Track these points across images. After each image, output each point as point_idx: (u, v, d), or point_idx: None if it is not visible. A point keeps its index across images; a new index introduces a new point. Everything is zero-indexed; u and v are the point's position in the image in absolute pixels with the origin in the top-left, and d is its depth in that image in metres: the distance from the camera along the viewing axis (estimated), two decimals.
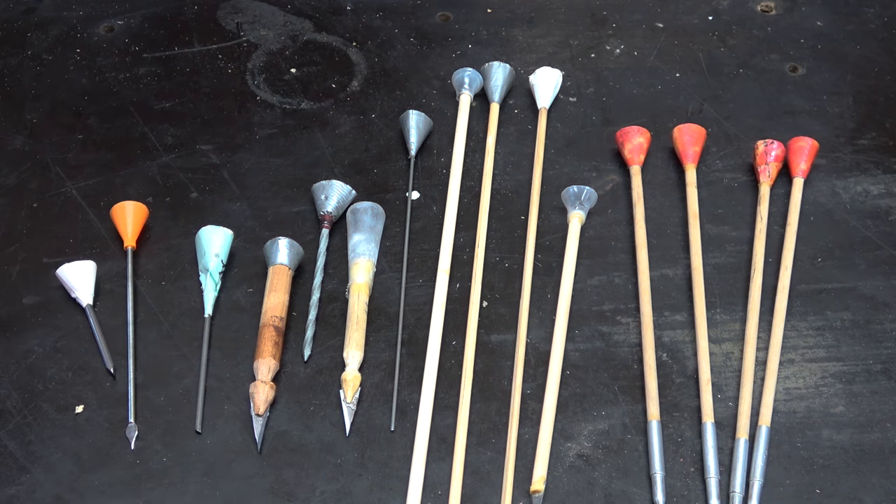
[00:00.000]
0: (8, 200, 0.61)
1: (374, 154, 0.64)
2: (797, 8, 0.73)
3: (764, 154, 0.60)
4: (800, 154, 0.61)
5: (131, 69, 0.69)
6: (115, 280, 0.57)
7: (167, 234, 0.60)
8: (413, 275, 0.57)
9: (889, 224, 0.60)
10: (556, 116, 0.66)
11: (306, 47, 0.71)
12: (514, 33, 0.71)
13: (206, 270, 0.56)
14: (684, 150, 0.61)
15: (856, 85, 0.68)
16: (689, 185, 0.60)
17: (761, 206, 0.59)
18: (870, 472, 0.49)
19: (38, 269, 0.58)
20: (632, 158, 0.61)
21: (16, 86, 0.68)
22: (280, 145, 0.64)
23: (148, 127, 0.65)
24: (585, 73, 0.68)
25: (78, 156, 0.64)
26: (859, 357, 0.54)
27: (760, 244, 0.57)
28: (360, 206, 0.59)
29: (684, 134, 0.61)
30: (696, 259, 0.57)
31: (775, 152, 0.60)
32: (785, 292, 0.55)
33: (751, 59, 0.69)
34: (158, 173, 0.63)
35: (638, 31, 0.71)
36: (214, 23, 0.72)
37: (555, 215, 0.60)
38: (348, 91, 0.68)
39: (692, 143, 0.61)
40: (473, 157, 0.63)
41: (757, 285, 0.55)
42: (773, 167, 0.60)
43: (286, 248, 0.56)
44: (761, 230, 0.58)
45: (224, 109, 0.67)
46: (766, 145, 0.60)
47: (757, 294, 0.55)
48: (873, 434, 0.50)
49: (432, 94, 0.67)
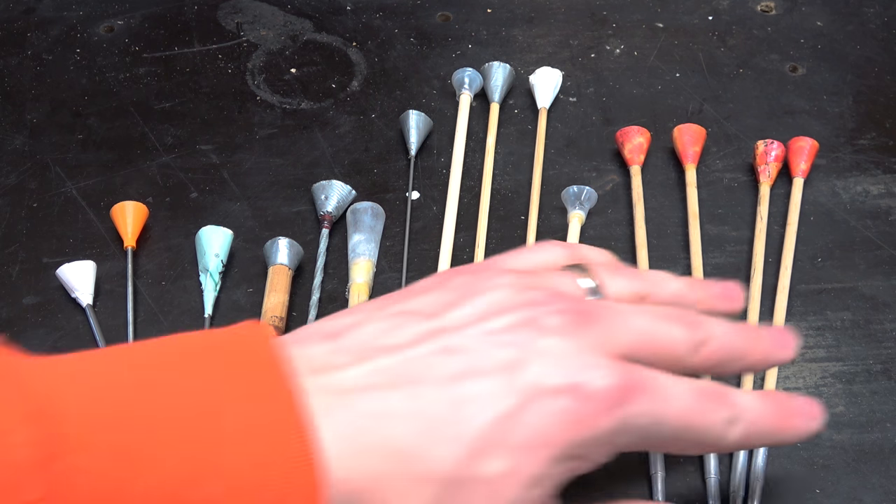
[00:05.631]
0: (8, 200, 0.61)
1: (374, 154, 0.64)
2: (797, 8, 0.73)
3: (764, 154, 0.60)
4: (800, 154, 0.61)
5: (131, 69, 0.69)
6: (115, 280, 0.57)
7: (167, 234, 0.60)
8: (413, 275, 0.57)
9: (889, 224, 0.60)
10: (556, 116, 0.66)
11: (306, 47, 0.71)
12: (514, 33, 0.71)
13: (206, 270, 0.56)
14: (684, 151, 0.61)
15: (856, 85, 0.68)
16: (690, 186, 0.60)
17: (761, 206, 0.59)
18: (870, 472, 0.49)
19: (38, 269, 0.58)
20: (632, 158, 0.61)
21: (16, 86, 0.68)
22: (280, 145, 0.64)
23: (148, 127, 0.65)
24: (585, 73, 0.68)
25: (78, 156, 0.64)
26: (859, 357, 0.54)
27: (760, 244, 0.57)
28: (360, 206, 0.59)
29: (684, 134, 0.61)
30: (696, 259, 0.57)
31: (775, 152, 0.60)
32: (785, 292, 0.55)
33: (751, 59, 0.69)
34: (158, 173, 0.63)
35: (638, 31, 0.71)
36: (214, 23, 0.72)
37: (555, 215, 0.60)
38: (348, 91, 0.68)
39: (692, 143, 0.61)
40: (473, 157, 0.63)
41: (757, 285, 0.55)
42: (773, 167, 0.60)
43: (286, 248, 0.56)
44: (761, 230, 0.58)
45: (224, 109, 0.67)
46: (767, 145, 0.61)
47: (757, 294, 0.55)
48: (873, 434, 0.50)
49: (432, 94, 0.67)
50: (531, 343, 0.36)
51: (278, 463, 0.32)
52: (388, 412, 0.34)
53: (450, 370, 0.35)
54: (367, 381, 0.35)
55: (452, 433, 0.34)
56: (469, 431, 0.34)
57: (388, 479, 0.34)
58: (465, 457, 0.34)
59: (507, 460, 0.34)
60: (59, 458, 0.30)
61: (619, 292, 0.41)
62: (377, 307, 0.39)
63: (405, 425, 0.34)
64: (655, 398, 0.37)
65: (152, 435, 0.31)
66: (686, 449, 0.40)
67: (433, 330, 0.37)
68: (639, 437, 0.37)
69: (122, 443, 0.31)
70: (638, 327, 0.38)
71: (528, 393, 0.35)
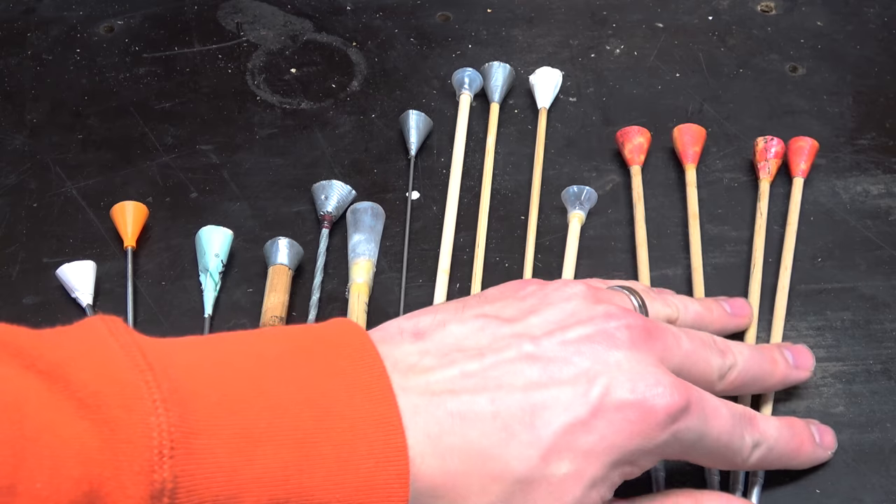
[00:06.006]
0: (8, 200, 0.61)
1: (374, 154, 0.64)
2: (797, 8, 0.73)
3: (764, 151, 0.61)
4: (800, 154, 0.61)
5: (131, 69, 0.69)
6: (115, 280, 0.57)
7: (167, 234, 0.60)
8: (413, 275, 0.57)
9: (889, 224, 0.60)
10: (556, 116, 0.66)
11: (306, 47, 0.71)
12: (514, 33, 0.71)
13: (206, 270, 0.56)
14: (684, 150, 0.61)
15: (856, 85, 0.68)
16: (690, 186, 0.60)
17: (761, 202, 0.59)
18: (870, 472, 0.49)
19: (38, 269, 0.58)
20: (632, 158, 0.61)
21: (16, 86, 0.68)
22: (280, 145, 0.64)
23: (148, 127, 0.65)
24: (585, 73, 0.68)
25: (78, 156, 0.64)
26: (859, 357, 0.54)
27: (760, 240, 0.57)
28: (360, 206, 0.59)
29: (684, 134, 0.61)
30: (696, 259, 0.57)
31: (775, 149, 0.60)
32: (785, 292, 0.55)
33: (751, 59, 0.69)
34: (158, 173, 0.63)
35: (638, 31, 0.71)
36: (214, 23, 0.72)
37: (555, 215, 0.60)
38: (348, 91, 0.68)
39: (692, 143, 0.61)
40: (473, 157, 0.63)
41: (757, 281, 0.55)
42: (772, 164, 0.60)
43: (286, 248, 0.56)
44: (761, 226, 0.58)
45: (224, 109, 0.67)
46: (766, 142, 0.61)
47: (757, 289, 0.55)
48: (873, 434, 0.50)
49: (432, 94, 0.67)
50: (603, 355, 0.39)
51: (374, 455, 0.35)
52: (471, 415, 0.37)
53: (530, 378, 0.38)
54: (454, 385, 0.38)
55: (529, 437, 0.37)
56: (544, 436, 0.37)
57: (467, 476, 0.37)
58: (538, 459, 0.37)
59: (574, 463, 0.38)
60: (186, 442, 0.32)
61: (658, 314, 0.46)
62: (457, 308, 0.41)
63: (486, 427, 0.37)
64: (703, 417, 0.40)
65: (269, 422, 0.34)
66: (713, 464, 0.44)
67: (514, 335, 0.40)
68: (682, 449, 0.41)
69: (242, 428, 0.33)
70: (686, 349, 0.42)
71: (598, 404, 0.38)
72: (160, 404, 0.32)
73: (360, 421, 0.35)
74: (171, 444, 0.32)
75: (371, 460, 0.35)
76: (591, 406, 0.38)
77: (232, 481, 0.33)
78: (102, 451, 0.31)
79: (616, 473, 0.39)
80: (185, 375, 0.34)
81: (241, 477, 0.33)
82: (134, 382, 0.32)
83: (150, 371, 0.33)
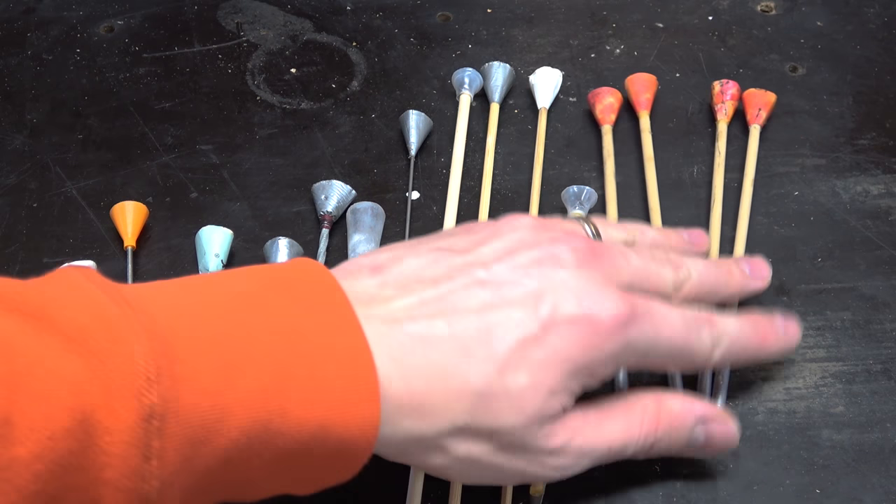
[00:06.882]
0: (8, 200, 0.61)
1: (374, 154, 0.64)
2: (797, 8, 0.73)
3: (721, 93, 0.64)
4: (753, 101, 0.64)
5: (131, 69, 0.69)
6: (115, 280, 0.57)
7: (167, 234, 0.60)
8: None
9: (889, 224, 0.60)
10: (556, 116, 0.66)
11: (306, 47, 0.71)
12: (514, 33, 0.71)
13: (206, 270, 0.56)
14: (637, 99, 0.64)
15: (856, 85, 0.68)
16: (644, 132, 0.63)
17: (719, 141, 0.62)
18: (870, 472, 0.49)
19: (38, 269, 0.58)
20: (603, 118, 0.64)
21: (16, 86, 0.68)
22: (280, 145, 0.64)
23: (148, 127, 0.65)
24: (585, 73, 0.68)
25: (78, 156, 0.64)
26: (859, 357, 0.54)
27: (719, 178, 0.60)
28: (360, 206, 0.59)
29: (635, 83, 0.65)
30: (653, 199, 0.59)
31: (731, 91, 0.64)
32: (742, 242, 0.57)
33: (751, 59, 0.69)
34: (158, 173, 0.63)
35: (638, 31, 0.71)
36: (214, 23, 0.72)
37: (555, 215, 0.60)
38: (348, 91, 0.68)
39: (644, 90, 0.64)
40: (473, 157, 0.63)
41: (717, 215, 0.59)
42: (729, 105, 0.63)
43: (286, 248, 0.56)
44: (719, 164, 0.61)
45: (224, 109, 0.67)
46: (723, 85, 0.64)
47: (717, 223, 0.58)
48: (873, 434, 0.50)
49: (432, 94, 0.67)
50: (550, 275, 0.42)
51: (345, 376, 0.38)
52: (431, 337, 0.40)
53: (483, 300, 0.41)
54: (413, 312, 0.41)
55: (485, 354, 0.40)
56: (500, 351, 0.40)
57: (431, 394, 0.40)
58: (495, 373, 0.40)
59: (530, 375, 0.40)
60: (170, 368, 0.34)
61: (613, 238, 0.49)
62: (412, 245, 0.44)
63: (445, 348, 0.40)
64: (651, 323, 0.43)
65: (245, 350, 0.36)
66: (678, 367, 0.47)
67: (466, 264, 0.42)
68: (638, 356, 0.43)
69: (221, 356, 0.36)
70: (635, 265, 0.45)
71: (548, 320, 0.41)
72: (143, 335, 0.34)
73: (330, 347, 0.38)
74: (157, 371, 0.34)
75: (342, 380, 0.37)
76: (542, 322, 0.41)
77: (216, 405, 0.35)
78: (92, 380, 0.33)
79: (574, 383, 0.42)
80: (161, 312, 0.36)
81: (225, 399, 0.35)
82: (116, 316, 0.35)
83: (128, 307, 0.35)
